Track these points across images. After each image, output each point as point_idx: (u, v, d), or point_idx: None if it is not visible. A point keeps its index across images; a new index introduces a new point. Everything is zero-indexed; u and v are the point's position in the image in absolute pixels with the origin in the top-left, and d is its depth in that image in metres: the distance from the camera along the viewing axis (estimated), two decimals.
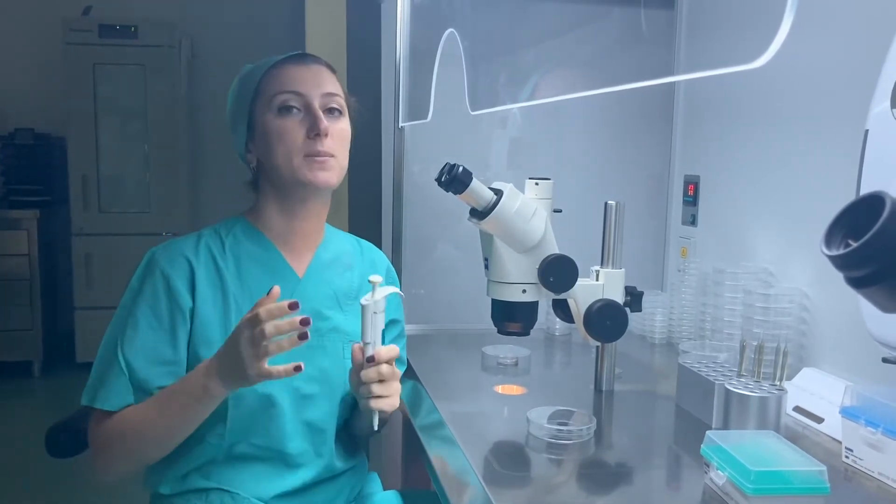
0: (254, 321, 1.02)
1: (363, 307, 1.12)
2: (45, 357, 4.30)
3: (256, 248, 1.27)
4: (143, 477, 1.25)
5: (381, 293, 1.11)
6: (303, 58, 1.25)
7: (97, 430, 1.17)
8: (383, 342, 1.27)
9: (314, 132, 1.19)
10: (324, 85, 1.23)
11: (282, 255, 1.28)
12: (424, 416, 1.31)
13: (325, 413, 1.24)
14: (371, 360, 1.11)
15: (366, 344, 1.12)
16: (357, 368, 1.13)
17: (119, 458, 1.18)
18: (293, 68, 1.23)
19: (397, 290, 1.18)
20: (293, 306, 1.04)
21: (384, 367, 1.12)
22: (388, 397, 1.13)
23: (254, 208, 1.30)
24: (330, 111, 1.23)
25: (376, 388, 1.12)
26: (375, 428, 1.17)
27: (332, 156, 1.21)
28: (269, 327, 1.01)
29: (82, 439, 1.23)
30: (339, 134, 1.23)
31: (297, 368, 1.03)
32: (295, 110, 1.21)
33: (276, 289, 1.05)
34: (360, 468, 1.36)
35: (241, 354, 1.03)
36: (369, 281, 1.11)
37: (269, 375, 1.04)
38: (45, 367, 4.30)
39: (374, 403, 1.12)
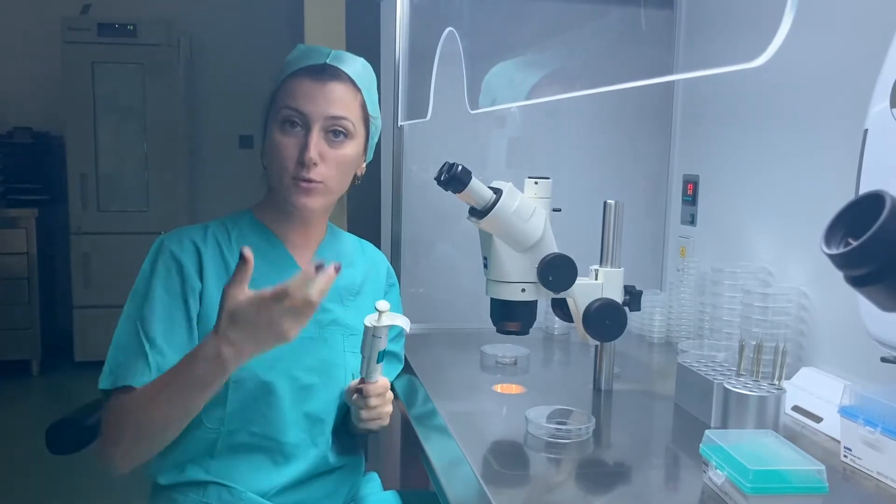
0: (286, 294, 0.99)
1: (365, 328, 1.15)
2: (44, 356, 4.29)
3: (261, 241, 1.28)
4: (142, 466, 1.25)
5: (387, 321, 1.13)
6: (321, 72, 1.22)
7: (113, 413, 1.14)
8: (384, 345, 1.27)
9: (302, 158, 1.19)
10: (332, 107, 1.21)
11: (286, 249, 1.29)
12: (423, 415, 1.31)
13: (324, 404, 1.25)
14: (360, 392, 1.20)
15: (362, 371, 1.19)
16: (352, 390, 1.22)
17: (129, 443, 1.13)
18: (307, 83, 1.21)
19: (404, 321, 1.16)
20: (338, 269, 1.03)
21: (372, 401, 1.20)
22: (377, 419, 1.23)
23: (262, 203, 1.32)
24: (334, 133, 1.22)
25: (364, 413, 1.21)
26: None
27: (321, 182, 1.21)
28: (312, 295, 0.99)
29: (83, 435, 1.24)
30: (335, 160, 1.22)
31: (337, 269, 1.01)
32: (297, 127, 1.21)
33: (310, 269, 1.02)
34: (357, 466, 1.36)
35: (275, 324, 1.00)
36: (376, 308, 1.14)
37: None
38: (43, 365, 4.30)
39: (362, 425, 1.23)
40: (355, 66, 1.27)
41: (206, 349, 1.04)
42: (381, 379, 1.22)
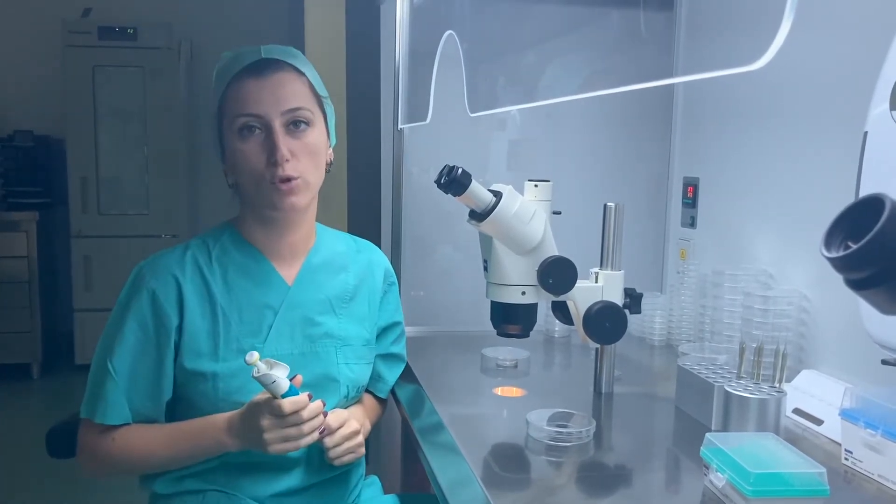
0: (276, 411, 1.09)
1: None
2: (44, 359, 4.29)
3: (244, 257, 1.25)
4: (139, 477, 1.27)
5: (265, 370, 1.07)
6: (262, 68, 1.18)
7: (94, 442, 1.20)
8: (384, 344, 1.25)
9: (273, 159, 1.16)
10: (284, 100, 1.18)
11: (270, 264, 1.26)
12: (423, 418, 1.31)
13: None
14: (325, 432, 1.18)
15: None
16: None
17: (114, 470, 1.22)
18: (252, 84, 1.17)
19: (282, 369, 1.09)
20: (311, 397, 1.13)
21: (327, 441, 1.19)
22: (348, 454, 1.22)
23: (239, 217, 1.29)
24: (295, 124, 1.19)
25: (332, 453, 1.20)
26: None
27: (298, 177, 1.18)
28: (295, 431, 1.12)
29: None
30: (304, 150, 1.19)
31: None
32: (257, 131, 1.18)
33: (299, 378, 1.14)
34: (357, 470, 1.36)
35: (262, 436, 1.10)
36: (246, 361, 1.07)
37: (290, 450, 1.14)
38: (44, 369, 4.30)
39: (335, 462, 1.21)
40: (290, 52, 1.24)
41: (218, 422, 1.16)
42: (341, 414, 1.21)
